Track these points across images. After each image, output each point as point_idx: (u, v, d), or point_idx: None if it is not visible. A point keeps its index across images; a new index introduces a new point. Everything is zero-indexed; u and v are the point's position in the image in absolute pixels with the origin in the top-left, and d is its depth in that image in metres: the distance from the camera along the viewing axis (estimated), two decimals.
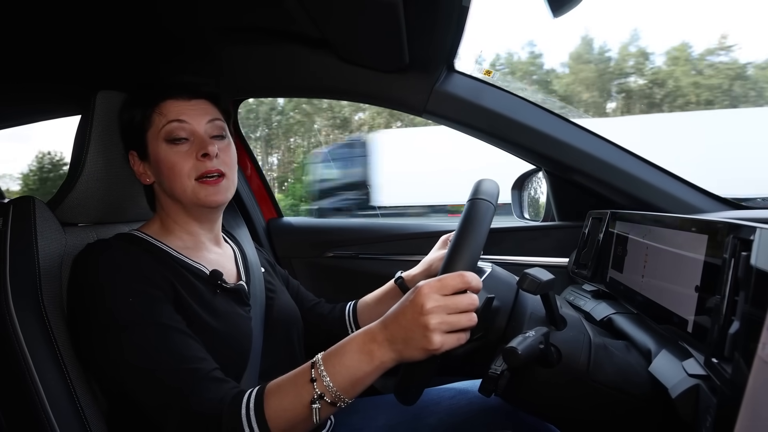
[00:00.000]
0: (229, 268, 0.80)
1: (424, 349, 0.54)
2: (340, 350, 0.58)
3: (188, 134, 0.72)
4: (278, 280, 0.93)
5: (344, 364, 0.57)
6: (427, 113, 1.12)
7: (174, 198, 0.74)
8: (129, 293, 0.63)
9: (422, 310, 0.54)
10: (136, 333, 0.61)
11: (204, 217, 0.78)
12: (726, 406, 0.45)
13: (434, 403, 0.83)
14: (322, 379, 0.56)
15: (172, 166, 0.71)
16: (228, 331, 0.70)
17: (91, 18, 0.89)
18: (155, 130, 0.73)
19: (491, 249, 1.22)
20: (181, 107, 0.73)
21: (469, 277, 0.56)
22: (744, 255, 0.48)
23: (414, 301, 0.55)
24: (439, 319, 0.54)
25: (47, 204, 0.75)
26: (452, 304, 0.54)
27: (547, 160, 1.12)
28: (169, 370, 0.60)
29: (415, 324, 0.54)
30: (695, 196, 1.05)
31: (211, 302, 0.70)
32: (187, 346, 0.62)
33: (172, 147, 0.72)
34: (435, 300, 0.54)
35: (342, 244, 1.35)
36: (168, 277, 0.67)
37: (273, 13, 0.92)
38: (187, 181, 0.72)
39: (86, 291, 0.64)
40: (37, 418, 0.63)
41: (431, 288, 0.55)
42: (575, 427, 0.69)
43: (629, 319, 0.78)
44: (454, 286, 0.55)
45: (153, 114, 0.73)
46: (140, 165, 0.76)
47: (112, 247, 0.68)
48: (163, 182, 0.74)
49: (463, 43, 0.97)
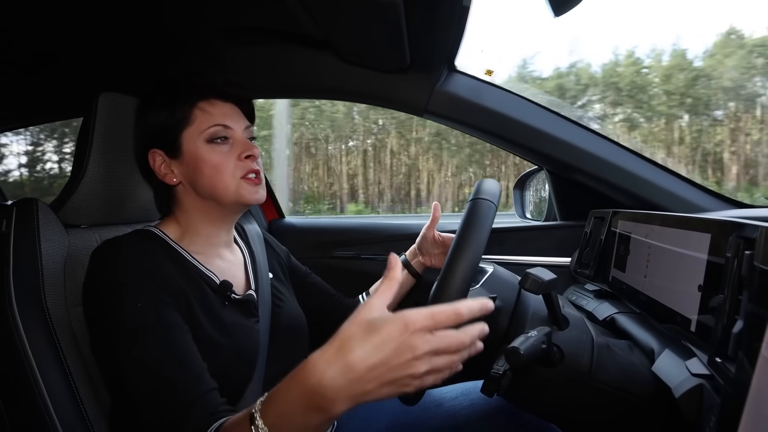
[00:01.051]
0: (238, 277, 0.80)
1: (398, 392, 0.46)
2: (281, 401, 0.48)
3: (230, 136, 0.74)
4: (288, 285, 0.92)
5: (290, 421, 0.47)
6: (428, 113, 1.12)
7: (208, 197, 0.74)
8: (140, 297, 0.62)
9: (414, 354, 0.44)
10: (145, 337, 0.60)
11: (229, 218, 0.78)
12: (730, 406, 0.45)
13: (436, 405, 0.83)
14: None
15: (216, 165, 0.72)
16: (235, 343, 0.69)
17: (94, 19, 0.90)
18: (196, 129, 0.72)
19: (493, 249, 1.22)
20: (222, 108, 0.74)
21: (463, 310, 0.48)
22: (747, 254, 0.47)
23: (406, 343, 0.44)
24: (428, 365, 0.45)
25: (50, 206, 0.75)
26: (444, 346, 0.46)
27: (548, 159, 1.12)
28: (164, 383, 0.58)
29: (400, 366, 0.44)
30: (698, 195, 1.05)
31: (219, 314, 0.70)
32: (190, 360, 0.61)
33: (215, 147, 0.72)
34: (427, 342, 0.45)
35: (343, 245, 1.35)
36: (181, 285, 0.67)
37: (275, 13, 0.93)
38: (231, 179, 0.73)
39: (104, 288, 0.64)
40: (40, 418, 0.64)
41: (423, 326, 0.45)
42: (578, 427, 0.69)
43: (632, 318, 0.78)
44: (446, 322, 0.47)
45: (194, 112, 0.73)
46: (167, 165, 0.74)
47: (127, 245, 0.67)
48: (199, 181, 0.73)
49: (464, 43, 0.97)
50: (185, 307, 0.66)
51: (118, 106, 0.79)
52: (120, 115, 0.79)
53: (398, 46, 0.91)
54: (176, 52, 1.05)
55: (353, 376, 0.44)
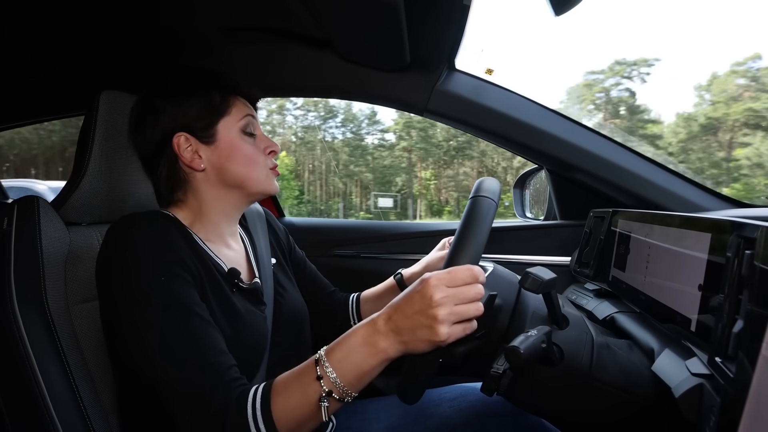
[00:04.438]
0: (242, 266, 0.80)
1: (430, 340, 0.54)
2: (343, 344, 0.57)
3: (256, 130, 0.79)
4: (289, 273, 0.92)
5: (349, 359, 0.56)
6: (429, 112, 1.12)
7: (234, 185, 0.75)
8: (162, 272, 0.61)
9: (431, 302, 0.54)
10: (165, 314, 0.59)
11: (242, 207, 0.80)
12: (730, 406, 0.45)
13: (435, 405, 0.83)
14: (328, 375, 0.56)
15: (250, 155, 0.75)
16: (244, 330, 0.69)
17: (94, 18, 0.90)
18: (234, 119, 0.75)
19: (493, 248, 1.22)
20: (247, 106, 0.79)
21: (477, 270, 0.56)
22: (748, 253, 0.47)
23: (422, 292, 0.55)
24: (448, 310, 0.54)
25: (51, 204, 0.75)
26: (461, 295, 0.55)
27: (549, 158, 1.12)
28: (192, 358, 0.58)
29: (422, 315, 0.54)
30: (698, 194, 1.05)
31: (229, 300, 0.70)
32: (212, 337, 0.61)
33: (248, 139, 0.76)
34: (443, 291, 0.54)
35: (343, 244, 1.35)
36: (197, 266, 0.66)
37: (276, 12, 0.93)
38: (263, 170, 0.77)
39: (117, 265, 0.62)
40: (40, 417, 0.64)
41: (439, 279, 0.55)
42: (577, 426, 0.69)
43: (632, 318, 0.78)
44: (463, 278, 0.55)
45: (233, 102, 0.76)
46: (194, 150, 0.73)
47: (147, 222, 0.66)
48: (231, 169, 0.74)
49: (465, 42, 0.97)
50: (200, 289, 0.66)
51: (120, 104, 0.79)
52: (121, 113, 0.79)
53: (398, 44, 0.90)
54: (178, 50, 1.05)
55: (392, 325, 0.56)
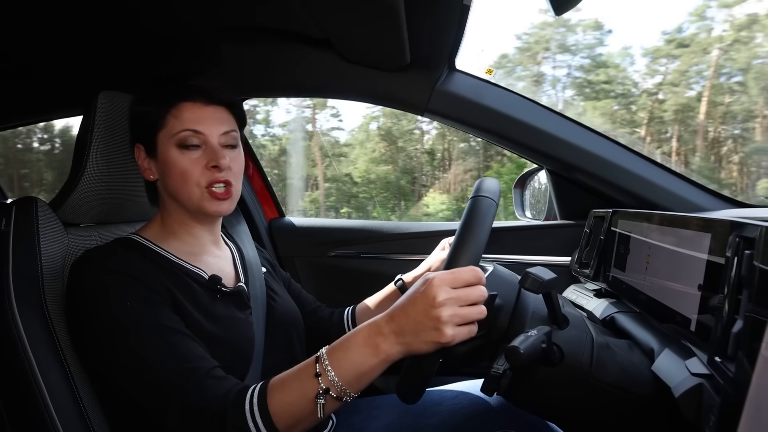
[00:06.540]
0: (228, 271, 0.80)
1: (434, 341, 0.54)
2: (344, 344, 0.58)
3: (201, 142, 0.72)
4: (279, 281, 0.93)
5: (349, 359, 0.56)
6: (429, 112, 1.12)
7: (178, 201, 0.75)
8: (127, 297, 0.63)
9: (434, 302, 0.53)
10: (135, 336, 0.61)
11: (206, 219, 0.78)
12: (729, 406, 0.45)
13: (436, 404, 0.83)
14: (327, 373, 0.56)
15: (182, 172, 0.71)
16: (228, 336, 0.70)
17: (92, 18, 0.90)
18: (168, 133, 0.72)
19: (493, 248, 1.22)
20: (198, 113, 0.72)
21: (479, 271, 0.56)
22: (747, 253, 0.47)
23: (425, 293, 0.54)
24: (452, 311, 0.53)
25: (49, 204, 0.75)
26: (464, 296, 0.54)
27: (549, 158, 1.12)
28: (169, 369, 0.60)
29: (426, 316, 0.54)
30: (698, 195, 1.05)
31: (210, 307, 0.70)
32: (186, 346, 0.62)
33: (184, 153, 0.71)
34: (447, 292, 0.54)
35: (344, 244, 1.35)
36: (165, 282, 0.67)
37: (274, 11, 0.93)
38: (196, 188, 0.71)
39: (85, 295, 0.65)
40: (40, 418, 0.64)
41: (443, 280, 0.54)
42: (578, 426, 0.69)
43: (632, 318, 0.78)
44: (466, 279, 0.55)
45: (168, 115, 0.72)
46: (146, 161, 0.76)
47: (109, 252, 0.68)
48: (169, 185, 0.74)
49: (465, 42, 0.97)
50: (171, 301, 0.66)
51: (118, 105, 0.79)
52: (119, 113, 0.79)
53: (398, 44, 0.90)
54: (177, 50, 1.05)
55: (394, 327, 0.56)
